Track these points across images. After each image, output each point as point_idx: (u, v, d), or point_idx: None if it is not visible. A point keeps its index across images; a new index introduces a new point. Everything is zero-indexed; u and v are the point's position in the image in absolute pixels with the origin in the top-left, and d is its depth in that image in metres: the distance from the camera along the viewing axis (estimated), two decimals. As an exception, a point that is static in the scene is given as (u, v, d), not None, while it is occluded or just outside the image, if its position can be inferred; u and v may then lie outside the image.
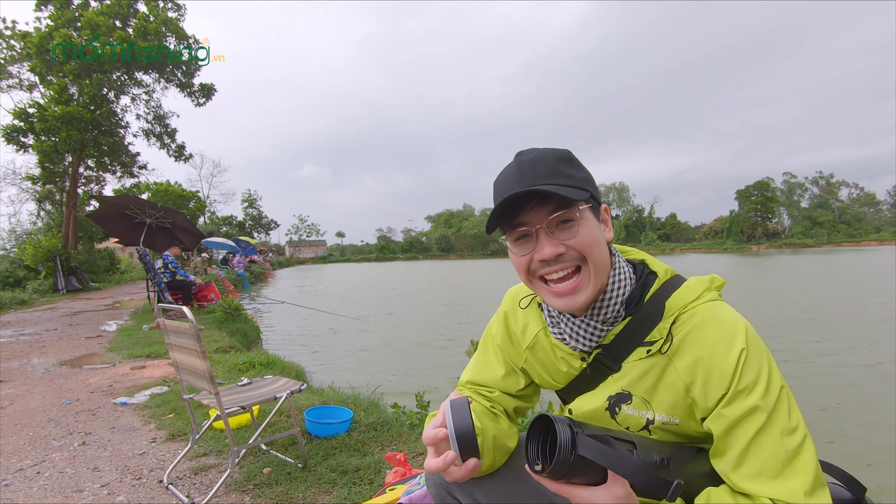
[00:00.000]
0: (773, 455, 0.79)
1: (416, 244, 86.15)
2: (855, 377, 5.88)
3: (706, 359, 0.84)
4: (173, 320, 2.40)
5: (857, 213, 73.57)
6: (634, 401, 0.91)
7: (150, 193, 24.25)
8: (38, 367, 5.27)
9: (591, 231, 0.87)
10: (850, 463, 3.74)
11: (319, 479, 2.37)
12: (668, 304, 0.90)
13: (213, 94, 18.41)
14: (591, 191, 0.88)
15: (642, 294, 0.93)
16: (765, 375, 0.81)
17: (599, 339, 0.94)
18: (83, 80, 15.69)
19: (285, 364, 5.36)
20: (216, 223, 44.62)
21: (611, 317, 0.92)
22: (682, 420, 0.87)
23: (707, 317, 0.86)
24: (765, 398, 0.80)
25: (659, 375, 0.88)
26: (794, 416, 0.81)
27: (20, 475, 2.64)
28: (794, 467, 0.78)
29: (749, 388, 0.81)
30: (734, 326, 0.84)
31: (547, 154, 0.88)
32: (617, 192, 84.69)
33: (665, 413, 0.88)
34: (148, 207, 9.06)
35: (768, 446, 0.79)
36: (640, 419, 0.91)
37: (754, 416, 0.80)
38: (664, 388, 0.88)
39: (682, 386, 0.86)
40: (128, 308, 10.91)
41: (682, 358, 0.86)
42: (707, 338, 0.84)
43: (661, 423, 0.89)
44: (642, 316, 0.91)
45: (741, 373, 0.81)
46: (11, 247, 21.07)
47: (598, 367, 0.96)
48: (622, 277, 0.93)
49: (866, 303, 11.74)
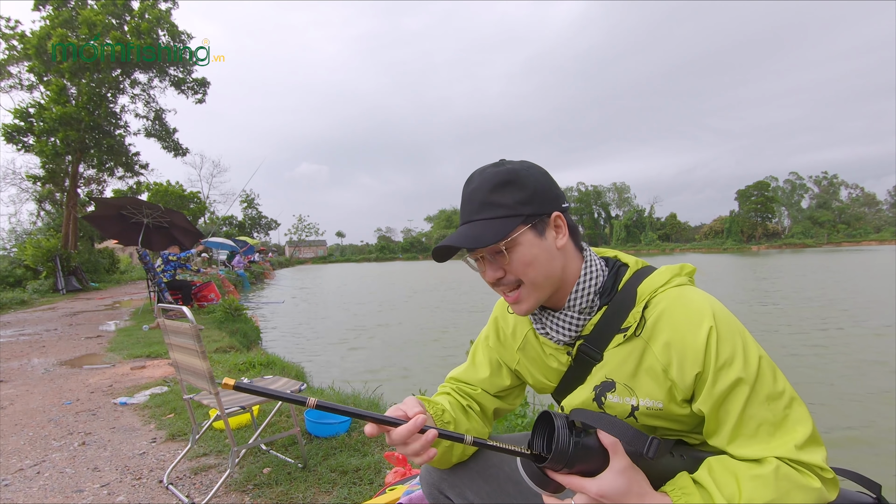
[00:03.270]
0: (763, 420, 0.83)
1: (416, 244, 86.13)
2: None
3: (678, 340, 0.88)
4: (173, 320, 2.40)
5: (856, 213, 73.58)
6: (618, 388, 0.95)
7: (149, 194, 24.24)
8: (38, 367, 5.28)
9: (524, 255, 0.92)
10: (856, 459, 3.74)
11: (319, 479, 2.37)
12: (640, 289, 0.94)
13: (208, 87, 18.39)
14: (528, 211, 0.92)
15: (615, 283, 0.98)
16: (740, 349, 0.85)
17: (579, 330, 0.99)
18: (80, 80, 15.68)
19: (285, 364, 5.37)
20: (216, 223, 44.64)
21: (586, 307, 0.97)
22: (664, 404, 0.91)
23: (675, 300, 0.91)
24: (745, 369, 0.84)
25: (638, 360, 0.92)
26: (778, 381, 0.85)
27: (20, 475, 2.64)
28: (786, 427, 0.82)
29: (728, 362, 0.84)
30: (700, 307, 0.89)
31: (485, 182, 0.94)
32: (617, 192, 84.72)
33: (648, 398, 0.92)
34: (145, 207, 9.06)
35: (758, 414, 0.83)
36: (626, 406, 0.94)
37: (739, 388, 0.83)
38: (644, 372, 0.92)
39: (660, 368, 0.90)
40: (128, 308, 10.92)
41: (657, 340, 0.90)
42: (676, 319, 0.89)
43: (645, 409, 0.92)
44: (616, 303, 0.96)
45: (716, 350, 0.85)
46: (11, 247, 21.04)
47: (582, 359, 1.00)
48: (593, 270, 0.98)
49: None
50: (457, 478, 1.09)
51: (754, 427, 0.83)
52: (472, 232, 0.92)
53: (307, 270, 45.98)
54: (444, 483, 1.10)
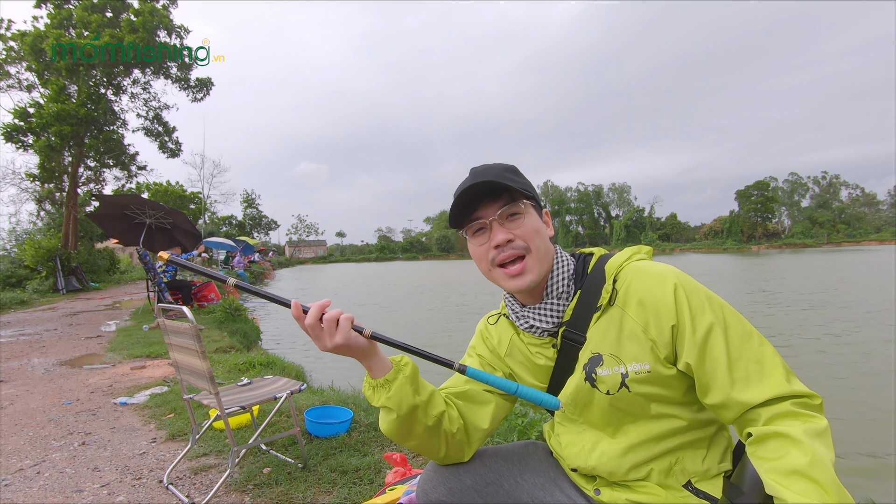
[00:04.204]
0: (749, 359, 0.90)
1: (416, 244, 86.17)
2: None
3: (650, 299, 0.96)
4: (173, 320, 2.40)
5: (856, 213, 73.56)
6: (605, 360, 0.99)
7: (149, 194, 24.24)
8: (38, 367, 5.27)
9: (534, 223, 1.03)
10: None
11: (319, 479, 2.37)
12: (607, 267, 1.03)
13: (210, 88, 18.37)
14: (534, 195, 1.06)
15: (584, 268, 1.08)
16: (705, 300, 0.94)
17: (560, 315, 1.05)
18: (78, 78, 15.66)
19: (285, 364, 5.36)
20: (216, 223, 44.61)
21: (563, 292, 1.05)
22: (651, 365, 0.95)
23: (639, 269, 1.00)
24: (714, 315, 0.93)
25: (618, 328, 0.98)
26: (745, 323, 0.94)
27: (20, 475, 2.64)
28: (768, 364, 0.90)
29: (699, 310, 0.93)
30: (662, 270, 0.98)
31: (496, 165, 1.07)
32: (617, 193, 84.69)
33: (635, 361, 0.96)
34: (149, 207, 9.05)
35: (741, 355, 0.91)
36: (616, 376, 0.98)
37: (715, 331, 0.92)
38: (626, 338, 0.97)
39: (640, 329, 0.96)
40: (128, 308, 10.91)
41: (630, 304, 0.98)
42: (644, 283, 0.98)
43: (634, 374, 0.96)
44: (589, 284, 1.04)
45: (687, 303, 0.94)
46: (11, 247, 21.04)
47: (568, 347, 1.04)
48: (563, 260, 1.08)
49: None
50: (454, 497, 1.06)
51: (744, 368, 0.90)
52: (505, 175, 1.02)
53: (307, 271, 45.98)
54: (444, 493, 1.07)
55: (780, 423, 0.85)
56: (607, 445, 1.02)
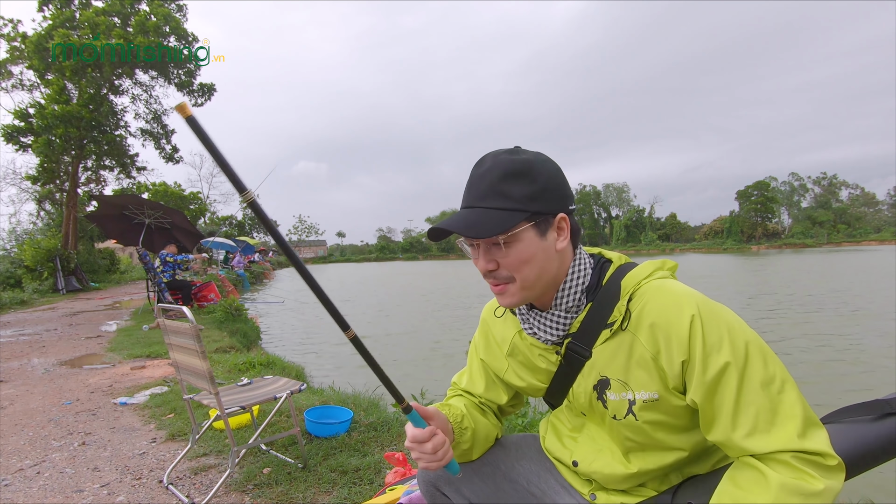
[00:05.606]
0: (760, 407, 0.82)
1: (417, 244, 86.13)
2: None
3: (662, 327, 0.88)
4: (173, 320, 2.40)
5: (856, 213, 73.57)
6: (613, 384, 0.94)
7: (149, 194, 24.23)
8: (38, 367, 5.28)
9: (522, 252, 0.91)
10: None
11: (319, 479, 2.37)
12: (623, 283, 0.94)
13: (213, 94, 18.40)
14: (534, 208, 0.89)
15: (599, 279, 0.98)
16: (726, 334, 0.84)
17: (566, 329, 0.99)
18: (81, 79, 15.67)
19: (285, 364, 5.37)
20: (216, 223, 44.60)
21: (573, 306, 0.97)
22: (660, 395, 0.90)
23: (657, 290, 0.91)
24: (733, 354, 0.83)
25: (628, 353, 0.92)
26: (769, 365, 0.84)
27: (20, 475, 2.64)
28: (783, 413, 0.81)
29: (715, 348, 0.84)
30: (682, 296, 0.89)
31: (496, 167, 0.90)
32: (617, 193, 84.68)
33: (643, 390, 0.91)
34: (147, 207, 9.05)
35: (753, 401, 0.82)
36: (623, 402, 0.94)
37: (729, 373, 0.83)
38: (636, 364, 0.91)
39: (650, 357, 0.89)
40: (128, 308, 10.91)
41: (642, 331, 0.90)
42: (659, 309, 0.89)
43: (641, 402, 0.92)
44: (601, 299, 0.96)
45: (702, 337, 0.84)
46: (11, 247, 21.04)
47: (572, 358, 1.00)
48: (581, 268, 0.97)
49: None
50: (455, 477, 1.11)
51: (753, 415, 0.82)
52: (472, 218, 0.89)
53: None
54: (440, 481, 1.12)
55: (770, 465, 0.80)
56: (609, 459, 1.00)
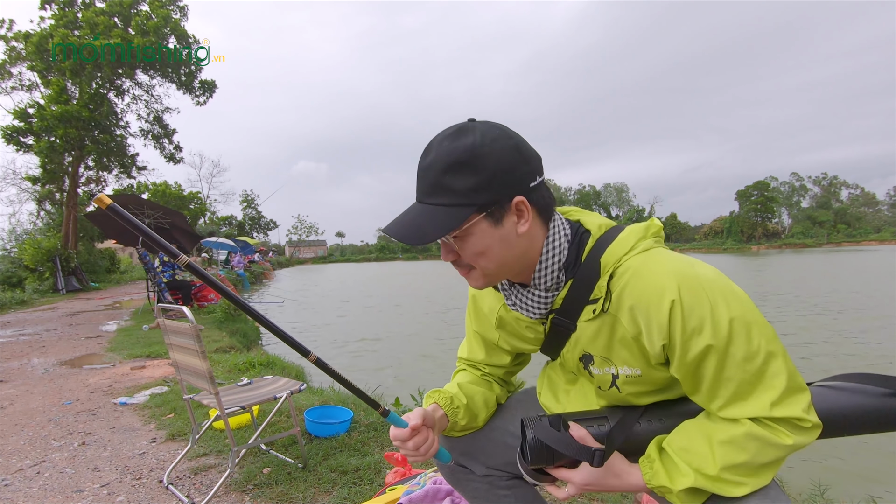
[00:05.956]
0: (739, 382, 0.82)
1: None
2: None
3: (643, 310, 0.86)
4: (173, 320, 2.40)
5: (856, 213, 73.60)
6: (596, 360, 0.96)
7: (149, 194, 24.24)
8: (38, 367, 5.27)
9: (476, 245, 0.88)
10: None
11: (319, 479, 2.37)
12: (603, 260, 0.90)
13: (214, 91, 18.38)
14: (482, 199, 0.84)
15: (578, 254, 0.94)
16: (707, 317, 0.81)
17: (548, 306, 0.97)
18: (81, 79, 15.67)
19: (285, 364, 5.36)
20: (216, 223, 44.61)
21: (552, 284, 0.94)
22: (643, 371, 0.92)
23: (637, 270, 0.87)
24: (715, 336, 0.81)
25: (610, 333, 0.92)
26: (753, 339, 0.81)
27: (20, 475, 2.64)
28: (762, 384, 0.82)
29: (696, 332, 0.82)
30: (662, 277, 0.84)
31: (438, 160, 0.85)
32: (616, 193, 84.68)
33: (626, 366, 0.93)
34: (147, 207, 9.07)
35: (733, 377, 0.82)
36: (606, 376, 0.96)
37: (710, 355, 0.82)
38: (618, 343, 0.92)
39: (631, 337, 0.89)
40: (128, 308, 10.91)
41: (623, 312, 0.89)
42: (640, 292, 0.86)
43: (625, 377, 0.94)
44: (581, 277, 0.92)
45: (681, 323, 0.82)
46: (11, 247, 21.03)
47: (557, 330, 1.01)
48: (556, 245, 0.92)
49: None
50: (467, 447, 1.18)
51: (732, 389, 0.83)
52: (417, 222, 0.87)
53: (307, 271, 45.95)
54: (458, 457, 1.20)
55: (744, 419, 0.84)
56: None
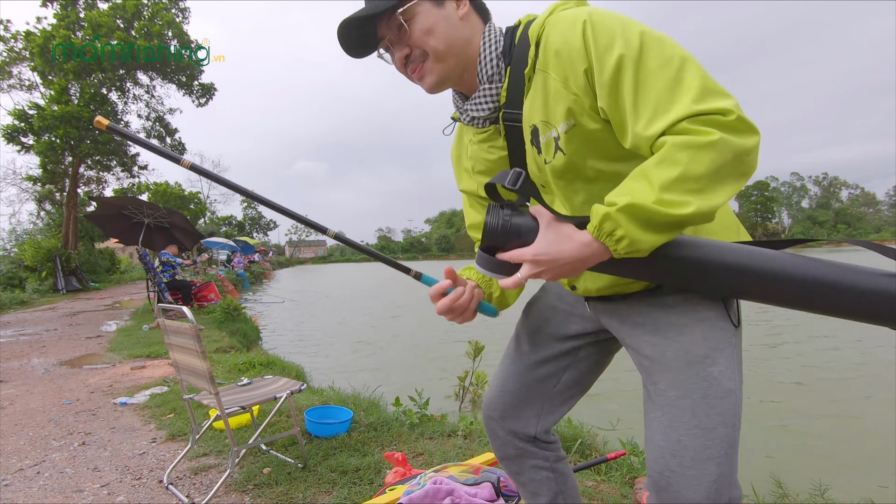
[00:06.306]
0: (658, 90, 0.80)
1: (417, 244, 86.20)
2: None
3: (564, 51, 0.87)
4: (173, 320, 2.40)
5: (856, 213, 73.62)
6: (540, 128, 0.95)
7: (149, 194, 24.25)
8: (38, 367, 5.27)
9: (423, 24, 0.95)
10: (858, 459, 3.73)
11: (319, 479, 2.37)
12: (531, 32, 0.95)
13: (214, 94, 18.41)
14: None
15: (512, 41, 0.98)
16: (618, 30, 0.83)
17: (496, 99, 0.99)
18: (83, 80, 15.68)
19: (285, 364, 5.36)
20: (216, 223, 44.62)
21: (493, 73, 0.98)
22: (576, 120, 0.90)
23: (556, 21, 0.91)
24: (626, 46, 0.82)
25: (544, 93, 0.92)
26: (667, 48, 0.82)
27: (20, 475, 2.64)
28: (683, 88, 0.79)
29: (608, 45, 0.83)
30: (577, 13, 0.88)
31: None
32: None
33: (562, 121, 0.91)
34: (146, 208, 9.07)
35: (651, 85, 0.80)
36: (550, 142, 0.94)
37: (623, 66, 0.81)
38: (552, 100, 0.91)
39: (561, 86, 0.89)
40: (128, 308, 10.91)
41: (550, 64, 0.90)
42: (558, 35, 0.89)
43: (563, 134, 0.92)
44: (517, 56, 0.96)
45: (593, 40, 0.84)
46: (12, 247, 21.05)
47: (512, 130, 1.00)
48: (492, 37, 0.99)
49: None
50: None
51: (653, 100, 0.80)
52: (370, 4, 0.96)
53: (307, 271, 45.92)
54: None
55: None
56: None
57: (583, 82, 0.86)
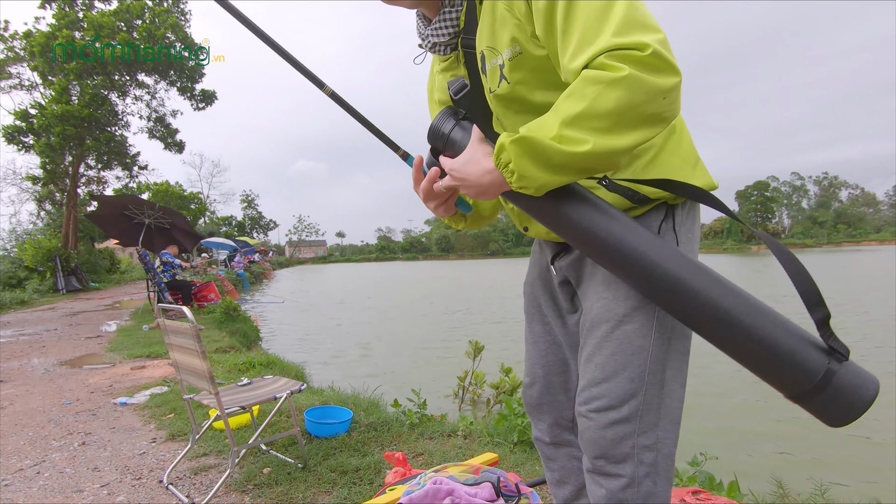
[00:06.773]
0: (586, 20, 0.77)
1: (416, 244, 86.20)
2: None
3: None
4: (173, 320, 2.40)
5: (857, 213, 73.63)
6: (487, 55, 0.93)
7: (150, 194, 24.26)
8: (38, 367, 5.27)
9: None
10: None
11: (319, 479, 2.37)
12: None
13: (214, 101, 18.41)
14: None
15: None
16: None
17: (455, 23, 0.97)
18: (84, 81, 15.68)
19: (285, 364, 5.37)
20: (216, 223, 44.65)
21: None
22: (521, 47, 0.88)
23: None
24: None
25: (492, 18, 0.91)
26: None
27: (20, 475, 2.64)
28: (609, 19, 0.75)
29: None
30: None
31: None
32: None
33: (507, 48, 0.89)
34: (147, 207, 9.07)
35: (579, 15, 0.78)
36: (495, 69, 0.93)
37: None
38: (499, 25, 0.89)
39: (506, 10, 0.87)
40: (128, 308, 10.91)
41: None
42: None
43: (508, 62, 0.90)
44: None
45: None
46: (12, 247, 21.06)
47: (470, 56, 0.99)
48: None
49: None
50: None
51: (579, 31, 0.77)
52: None
53: (307, 271, 45.94)
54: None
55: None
56: None
57: (524, 8, 0.85)
